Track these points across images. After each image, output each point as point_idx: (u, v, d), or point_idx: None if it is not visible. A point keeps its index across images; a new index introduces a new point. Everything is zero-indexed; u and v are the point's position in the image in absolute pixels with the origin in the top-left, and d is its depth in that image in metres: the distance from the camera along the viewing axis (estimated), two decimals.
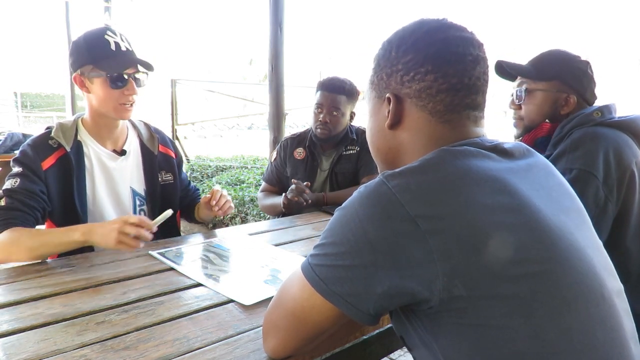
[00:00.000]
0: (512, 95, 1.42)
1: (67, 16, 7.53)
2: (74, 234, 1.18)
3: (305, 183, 1.91)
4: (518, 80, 1.40)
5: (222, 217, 1.41)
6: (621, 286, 0.67)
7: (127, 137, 1.49)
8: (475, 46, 0.69)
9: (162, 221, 1.24)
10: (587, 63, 1.35)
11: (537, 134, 1.39)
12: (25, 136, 4.14)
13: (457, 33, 0.69)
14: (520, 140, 1.42)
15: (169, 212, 1.27)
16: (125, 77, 1.32)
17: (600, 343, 0.56)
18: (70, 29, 7.53)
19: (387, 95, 0.72)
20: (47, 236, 1.21)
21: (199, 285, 1.06)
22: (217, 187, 1.55)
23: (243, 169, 6.23)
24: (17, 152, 1.33)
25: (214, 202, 1.49)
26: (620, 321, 0.60)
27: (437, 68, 0.67)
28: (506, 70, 1.40)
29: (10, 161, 1.37)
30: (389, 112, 0.72)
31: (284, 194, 1.94)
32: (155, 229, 1.20)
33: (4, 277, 1.07)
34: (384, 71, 0.73)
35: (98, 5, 7.57)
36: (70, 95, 7.73)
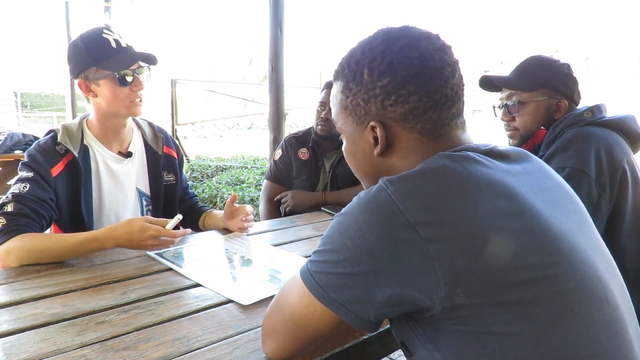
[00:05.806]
0: (500, 107, 1.45)
1: (67, 16, 7.52)
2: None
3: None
4: (507, 92, 1.43)
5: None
6: (624, 284, 0.66)
7: (132, 138, 1.47)
8: (448, 53, 0.67)
9: (174, 226, 1.25)
10: (567, 65, 1.39)
11: (534, 142, 1.42)
12: (25, 136, 4.09)
13: (429, 45, 0.66)
14: None
15: (179, 217, 1.29)
16: (131, 73, 1.30)
17: (604, 348, 0.55)
18: (70, 29, 7.52)
19: (372, 123, 0.68)
20: (64, 244, 1.16)
21: (198, 285, 1.06)
22: (247, 207, 1.51)
23: (243, 169, 6.24)
24: (18, 152, 1.32)
25: (244, 219, 1.48)
26: (625, 324, 0.59)
27: (419, 87, 0.65)
28: (492, 84, 1.44)
29: (9, 161, 1.36)
30: (375, 139, 0.69)
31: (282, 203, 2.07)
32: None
33: (4, 277, 1.07)
34: (359, 96, 0.68)
35: (98, 5, 7.57)
36: (70, 95, 7.72)
